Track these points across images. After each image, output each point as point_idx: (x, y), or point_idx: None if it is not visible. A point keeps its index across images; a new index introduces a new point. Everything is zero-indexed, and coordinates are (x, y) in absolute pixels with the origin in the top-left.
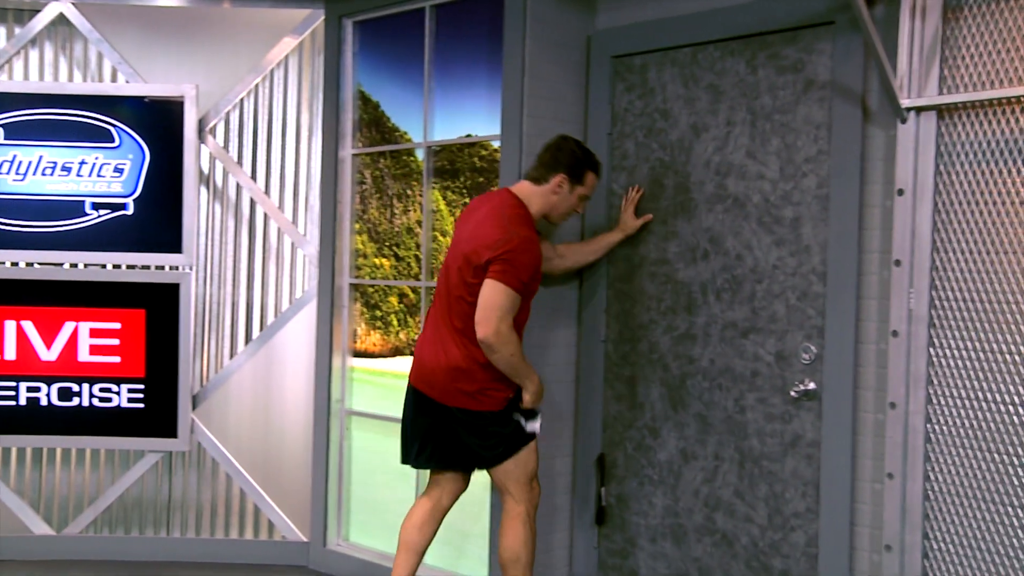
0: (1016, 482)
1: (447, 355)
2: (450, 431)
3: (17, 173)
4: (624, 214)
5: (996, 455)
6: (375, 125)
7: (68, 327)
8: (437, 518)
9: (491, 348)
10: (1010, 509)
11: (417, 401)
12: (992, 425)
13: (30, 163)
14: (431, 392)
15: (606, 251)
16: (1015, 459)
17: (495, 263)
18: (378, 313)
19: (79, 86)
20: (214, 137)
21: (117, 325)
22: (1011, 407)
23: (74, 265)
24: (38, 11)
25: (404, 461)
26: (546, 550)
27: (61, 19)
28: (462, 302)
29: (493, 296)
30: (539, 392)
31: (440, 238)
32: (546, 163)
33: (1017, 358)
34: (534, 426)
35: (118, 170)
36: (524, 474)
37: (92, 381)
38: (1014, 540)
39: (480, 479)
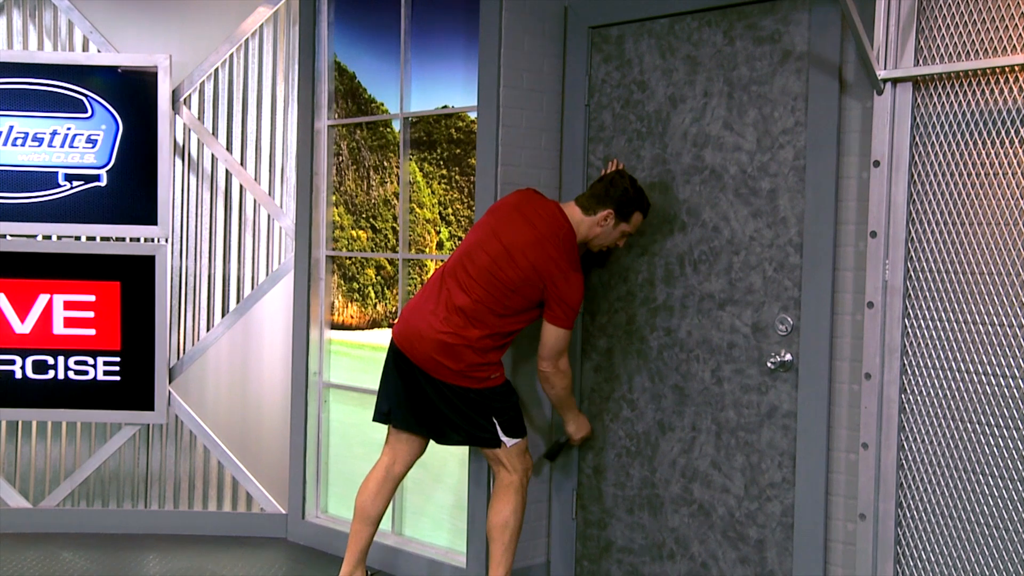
0: (989, 451)
1: (439, 326)
2: (422, 396)
3: None
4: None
5: (970, 425)
6: (351, 96)
7: (42, 300)
8: (390, 487)
9: (549, 382)
10: (983, 478)
11: (396, 360)
12: (966, 395)
13: (0, 133)
14: (413, 355)
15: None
16: (988, 428)
17: (556, 305)
18: (355, 285)
19: (50, 55)
20: (188, 108)
21: (92, 298)
22: (985, 377)
23: (47, 237)
24: None
25: (374, 418)
26: (524, 521)
27: None
28: (480, 289)
29: (557, 339)
30: (583, 428)
31: (417, 210)
32: (598, 195)
33: (991, 328)
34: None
35: (91, 141)
36: (517, 446)
37: (67, 354)
38: (987, 509)
39: (451, 451)
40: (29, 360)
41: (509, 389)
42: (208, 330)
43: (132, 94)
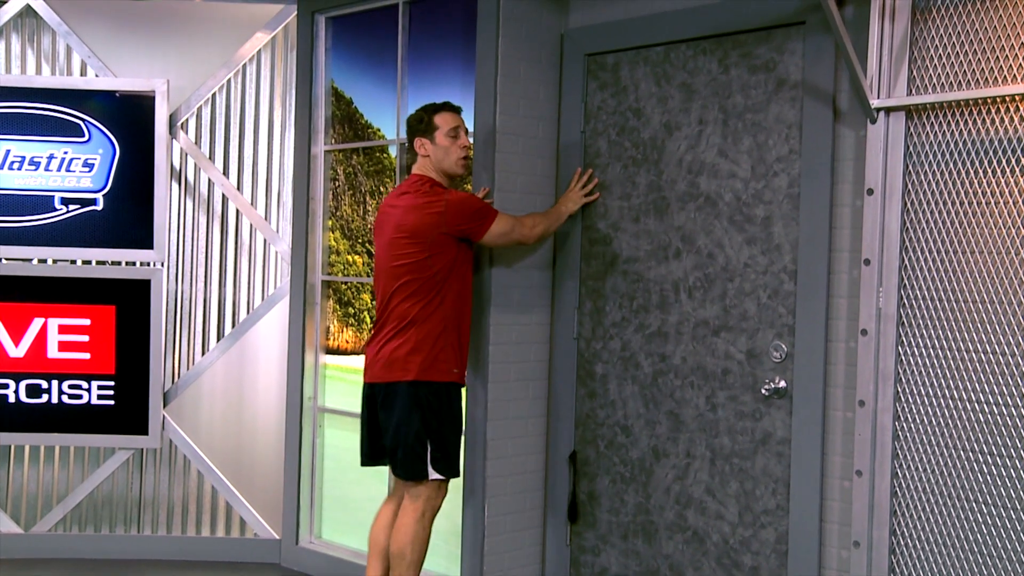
0: (982, 479)
1: (375, 348)
2: (376, 423)
3: None
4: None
5: (963, 452)
6: (348, 121)
7: (37, 323)
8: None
9: (544, 237)
10: (976, 506)
11: (365, 396)
12: (959, 423)
13: None
14: (368, 377)
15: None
16: (982, 456)
17: (464, 227)
18: (351, 310)
19: (48, 79)
20: (185, 132)
21: (87, 321)
22: (978, 405)
23: (43, 261)
24: (4, 2)
25: (361, 462)
26: (517, 547)
27: (28, 11)
28: (382, 290)
29: (498, 229)
30: (575, 197)
31: None
32: (408, 144)
33: (984, 356)
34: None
35: (88, 165)
36: (437, 482)
37: (61, 378)
38: (980, 536)
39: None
40: (23, 384)
41: (454, 401)
42: (203, 354)
43: (129, 118)
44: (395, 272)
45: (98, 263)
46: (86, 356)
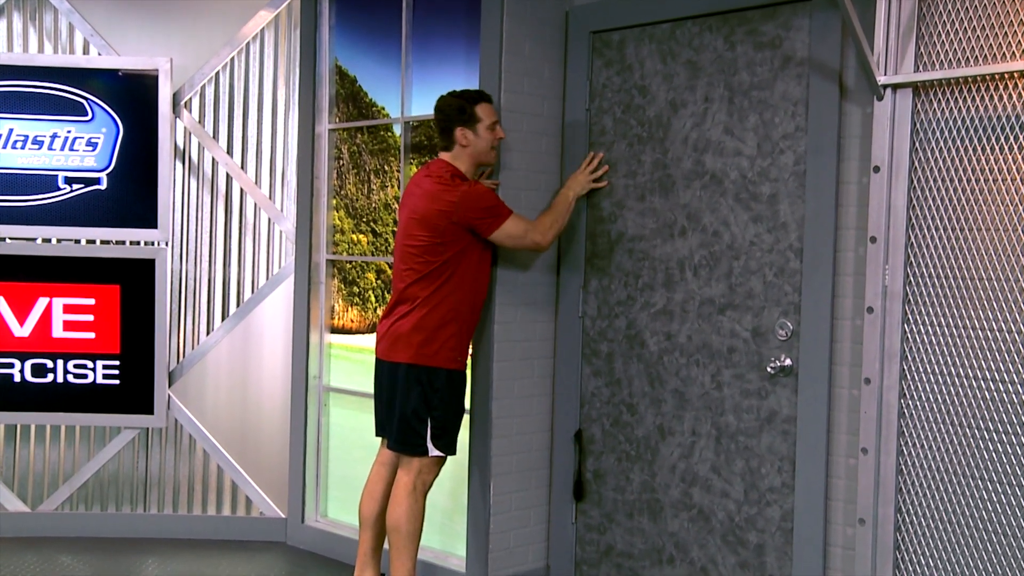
0: (988, 456)
1: (389, 321)
2: (382, 396)
3: None
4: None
5: (969, 430)
6: (352, 100)
7: (41, 303)
8: (380, 488)
9: (550, 240)
10: (982, 483)
11: (376, 369)
12: (965, 400)
13: (0, 136)
14: (379, 352)
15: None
16: (987, 434)
17: (476, 222)
18: (355, 289)
19: (51, 58)
20: (189, 111)
21: (91, 301)
22: (984, 382)
23: (47, 240)
24: None
25: (376, 432)
26: (523, 526)
27: None
28: (402, 266)
29: (512, 231)
30: (583, 179)
31: None
32: (442, 130)
33: (990, 333)
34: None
35: (91, 144)
36: (435, 458)
37: (67, 357)
38: (986, 514)
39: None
40: (28, 363)
41: (457, 386)
42: (208, 334)
43: (133, 97)
44: (408, 252)
45: (102, 242)
46: (91, 335)
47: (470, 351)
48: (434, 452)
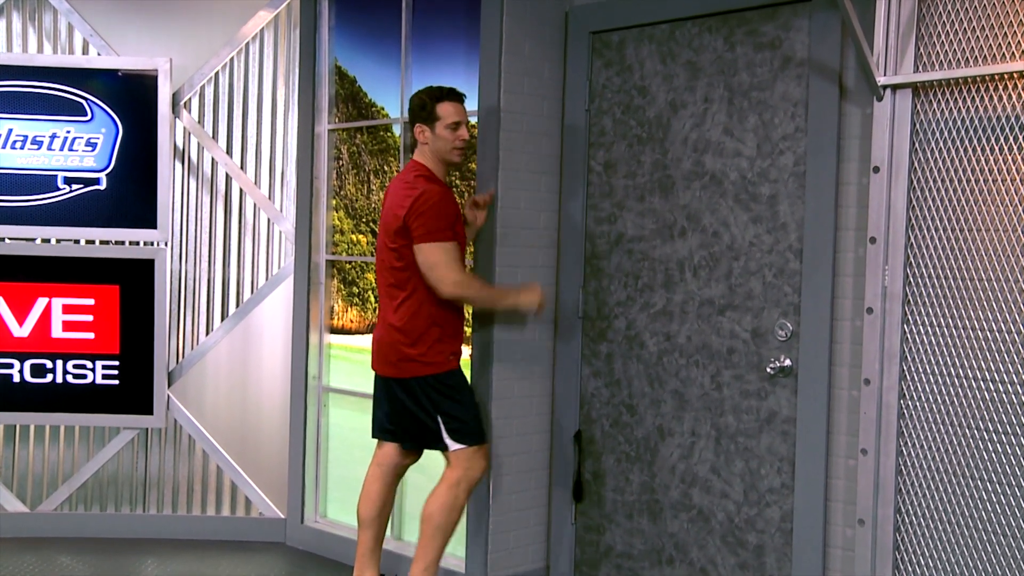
0: (988, 457)
1: (380, 332)
2: (385, 404)
3: None
4: (533, 295)
5: (969, 431)
6: (352, 100)
7: (41, 303)
8: (377, 487)
9: (460, 299)
10: (981, 484)
11: (375, 378)
12: (965, 401)
13: None
14: (375, 367)
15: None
16: (987, 434)
17: (414, 226)
18: (355, 290)
19: (50, 58)
20: (189, 112)
21: (91, 301)
22: (984, 383)
23: (47, 240)
24: None
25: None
26: (523, 526)
27: None
28: (382, 273)
29: (430, 256)
30: (531, 297)
31: None
32: (409, 126)
33: (990, 334)
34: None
35: (91, 144)
36: (465, 451)
37: (66, 357)
38: (986, 515)
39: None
40: (27, 363)
41: (458, 383)
42: (207, 334)
43: (132, 97)
44: (386, 258)
45: (102, 243)
46: (90, 336)
47: (466, 350)
48: (455, 446)
